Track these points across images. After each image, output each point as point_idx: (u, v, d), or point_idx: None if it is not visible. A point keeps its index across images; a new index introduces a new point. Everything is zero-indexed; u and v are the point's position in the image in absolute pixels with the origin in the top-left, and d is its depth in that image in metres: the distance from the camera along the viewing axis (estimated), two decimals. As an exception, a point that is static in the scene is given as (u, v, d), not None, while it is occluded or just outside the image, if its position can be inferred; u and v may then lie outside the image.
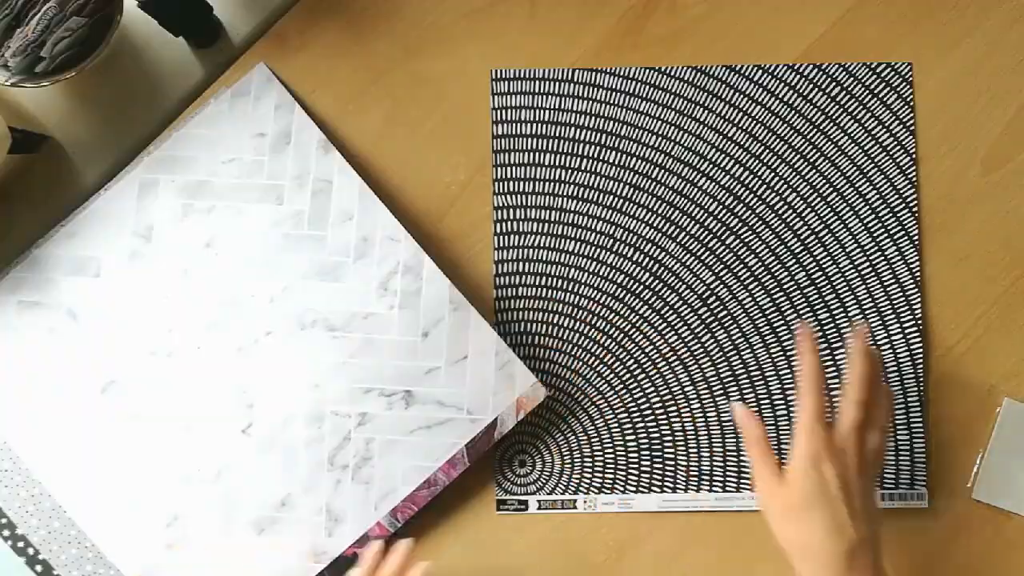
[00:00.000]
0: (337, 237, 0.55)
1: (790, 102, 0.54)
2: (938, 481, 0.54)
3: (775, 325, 0.54)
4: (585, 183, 0.54)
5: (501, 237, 0.55)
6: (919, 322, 0.53)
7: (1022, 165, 0.56)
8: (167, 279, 0.55)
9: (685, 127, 0.54)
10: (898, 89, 0.54)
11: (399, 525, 0.53)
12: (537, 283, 0.54)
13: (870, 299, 0.53)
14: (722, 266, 0.54)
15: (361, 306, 0.54)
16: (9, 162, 0.54)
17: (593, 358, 0.54)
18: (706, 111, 0.54)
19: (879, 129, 0.54)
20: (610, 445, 0.54)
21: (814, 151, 0.54)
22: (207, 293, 0.55)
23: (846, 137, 0.54)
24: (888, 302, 0.53)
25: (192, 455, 0.54)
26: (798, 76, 0.54)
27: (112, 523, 0.53)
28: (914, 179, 0.54)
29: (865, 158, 0.54)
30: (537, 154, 0.55)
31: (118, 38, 0.55)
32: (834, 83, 0.54)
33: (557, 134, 0.55)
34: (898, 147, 0.54)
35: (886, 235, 0.54)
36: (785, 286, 0.54)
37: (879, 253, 0.54)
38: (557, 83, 0.55)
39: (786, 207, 0.54)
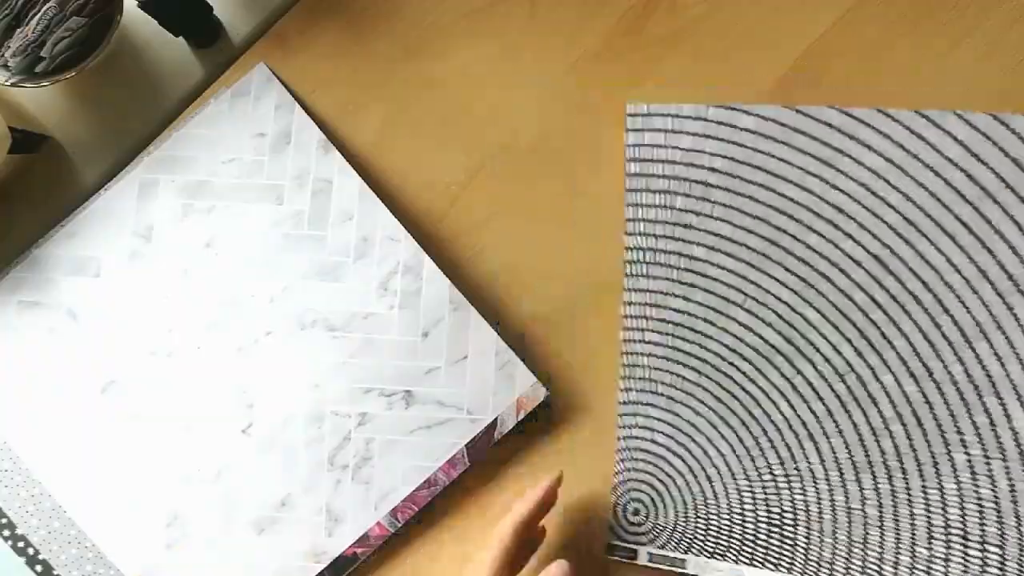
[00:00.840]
0: (337, 237, 0.55)
1: (974, 150, 0.46)
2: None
3: (921, 416, 0.47)
4: (718, 231, 0.50)
5: (631, 279, 0.52)
6: None
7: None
8: (167, 279, 0.55)
9: (830, 179, 0.48)
10: None
11: (399, 525, 0.53)
12: (664, 330, 0.51)
13: None
14: (865, 342, 0.48)
15: (361, 306, 0.54)
16: (9, 162, 0.54)
17: (717, 417, 0.50)
18: (855, 163, 0.48)
19: None
20: (727, 511, 0.50)
21: (983, 223, 0.46)
22: (207, 293, 0.55)
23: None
24: None
25: (192, 455, 0.54)
26: (969, 128, 0.46)
27: (112, 523, 0.53)
28: None
29: None
30: (669, 196, 0.51)
31: (118, 38, 0.56)
32: (1019, 138, 0.46)
33: (690, 176, 0.51)
34: None
35: None
36: (936, 377, 0.47)
37: None
38: (693, 120, 0.51)
39: (945, 287, 0.47)
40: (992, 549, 0.47)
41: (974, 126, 0.45)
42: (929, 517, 0.47)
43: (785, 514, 0.49)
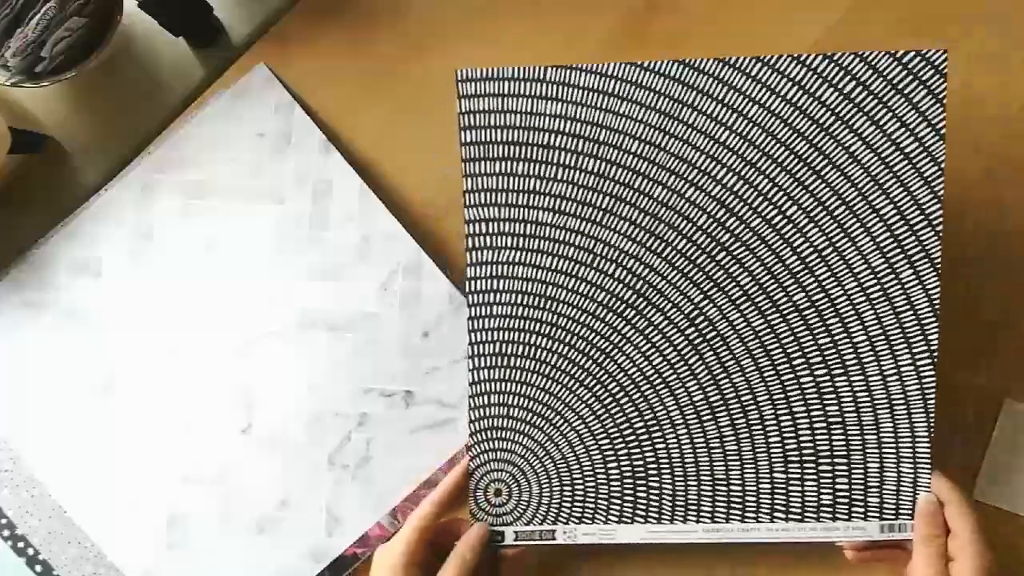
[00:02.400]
0: (337, 237, 0.55)
1: (793, 100, 0.47)
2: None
3: (769, 348, 0.49)
4: (562, 193, 0.49)
5: (474, 253, 0.50)
6: (934, 355, 0.48)
7: None
8: (167, 279, 0.55)
9: (671, 130, 0.48)
10: (928, 83, 0.47)
11: (399, 525, 0.53)
12: (512, 301, 0.50)
13: (878, 326, 0.49)
14: (711, 284, 0.49)
15: (361, 306, 0.54)
16: (9, 162, 0.54)
17: (573, 380, 0.50)
18: (695, 112, 0.48)
19: (901, 132, 0.47)
20: (591, 473, 0.50)
21: (820, 157, 0.48)
22: (207, 293, 0.55)
23: (859, 141, 0.47)
24: (900, 331, 0.48)
25: (192, 455, 0.54)
26: (804, 69, 0.47)
27: (112, 523, 0.53)
28: (940, 192, 0.47)
29: (882, 166, 0.48)
30: (509, 163, 0.49)
31: (118, 38, 0.55)
32: (848, 76, 0.47)
33: (530, 140, 0.49)
34: (923, 154, 0.47)
35: (902, 256, 0.48)
36: (782, 307, 0.49)
37: (892, 276, 0.48)
38: (529, 83, 0.49)
39: (785, 220, 0.48)
40: (840, 461, 0.50)
41: (807, 65, 0.47)
42: (783, 443, 0.50)
43: (649, 465, 0.50)
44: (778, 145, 0.48)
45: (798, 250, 0.49)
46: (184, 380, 0.54)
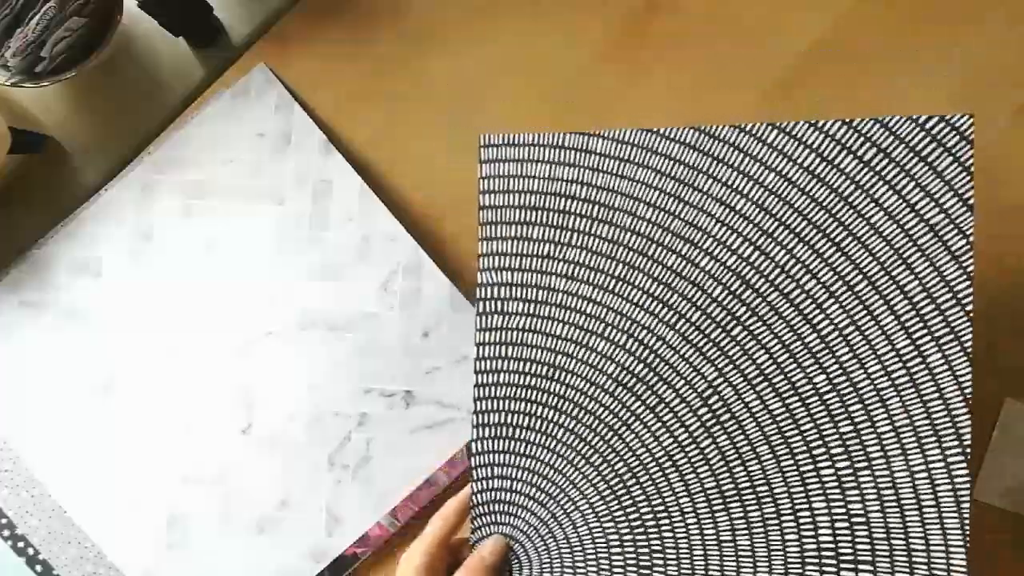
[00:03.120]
0: (337, 237, 0.55)
1: (811, 168, 0.45)
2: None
3: (787, 434, 0.45)
4: (574, 259, 0.47)
5: (485, 317, 0.47)
6: (967, 452, 0.44)
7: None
8: (167, 279, 0.55)
9: (686, 198, 0.46)
10: (953, 150, 0.43)
11: (399, 525, 0.53)
12: (520, 369, 0.47)
13: (905, 415, 0.44)
14: (727, 361, 0.45)
15: (361, 306, 0.54)
16: (9, 162, 0.54)
17: (579, 457, 0.47)
18: (710, 179, 0.46)
19: (925, 203, 0.43)
20: (593, 559, 0.46)
21: (839, 228, 0.44)
22: (207, 293, 0.55)
23: (881, 212, 0.44)
24: (928, 423, 0.44)
25: (192, 455, 0.54)
26: (821, 135, 0.45)
27: (112, 523, 0.53)
28: (970, 268, 0.43)
29: (905, 239, 0.44)
30: (525, 227, 0.48)
31: (118, 38, 0.55)
32: (868, 143, 0.44)
33: (546, 205, 0.47)
34: (950, 226, 0.43)
35: (930, 339, 0.44)
36: (801, 390, 0.45)
37: (919, 360, 0.44)
38: (548, 149, 0.48)
39: (803, 295, 0.45)
40: (864, 568, 0.45)
41: (825, 132, 0.45)
42: (801, 541, 0.45)
43: (655, 555, 0.46)
44: (796, 215, 0.45)
45: (818, 328, 0.45)
46: (184, 380, 0.54)
